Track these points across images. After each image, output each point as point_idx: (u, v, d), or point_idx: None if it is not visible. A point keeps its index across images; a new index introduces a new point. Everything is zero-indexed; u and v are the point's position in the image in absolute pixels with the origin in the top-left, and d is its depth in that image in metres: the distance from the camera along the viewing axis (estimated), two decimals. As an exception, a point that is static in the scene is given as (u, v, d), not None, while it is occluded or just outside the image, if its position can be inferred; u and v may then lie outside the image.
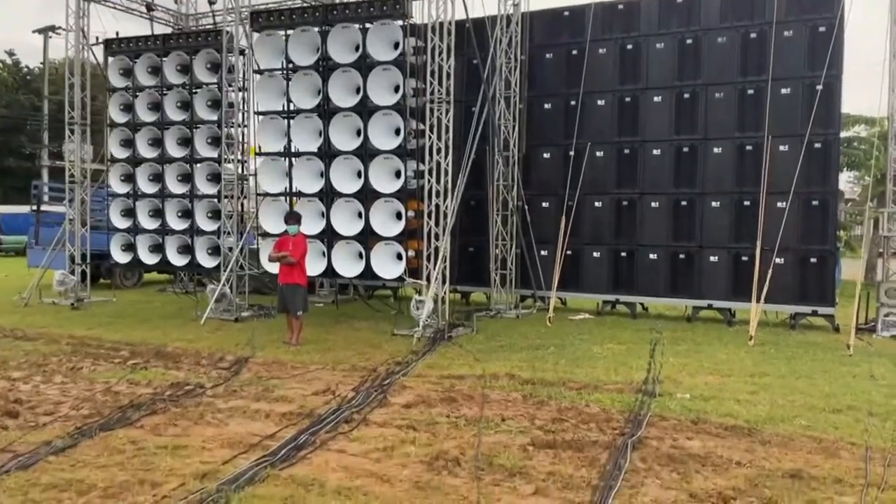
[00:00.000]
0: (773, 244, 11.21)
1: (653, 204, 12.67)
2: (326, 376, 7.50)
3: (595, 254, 13.15)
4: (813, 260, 11.51)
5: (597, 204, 13.13)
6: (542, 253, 13.36)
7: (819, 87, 11.27)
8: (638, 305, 13.09)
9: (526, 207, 13.23)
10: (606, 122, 13.04)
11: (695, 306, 12.38)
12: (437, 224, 10.54)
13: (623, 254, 12.94)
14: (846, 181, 31.95)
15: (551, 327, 11.24)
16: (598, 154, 13.09)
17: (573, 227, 13.13)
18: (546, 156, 13.51)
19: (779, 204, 11.45)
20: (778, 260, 11.54)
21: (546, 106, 13.55)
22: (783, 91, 11.67)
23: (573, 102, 13.10)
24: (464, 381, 7.36)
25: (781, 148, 11.68)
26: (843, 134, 19.00)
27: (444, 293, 10.68)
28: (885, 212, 11.32)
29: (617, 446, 5.20)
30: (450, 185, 10.70)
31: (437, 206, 10.55)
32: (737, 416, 6.08)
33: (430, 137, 10.54)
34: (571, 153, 13.17)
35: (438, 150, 10.54)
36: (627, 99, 12.87)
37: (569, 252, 13.28)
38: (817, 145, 11.47)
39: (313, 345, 9.35)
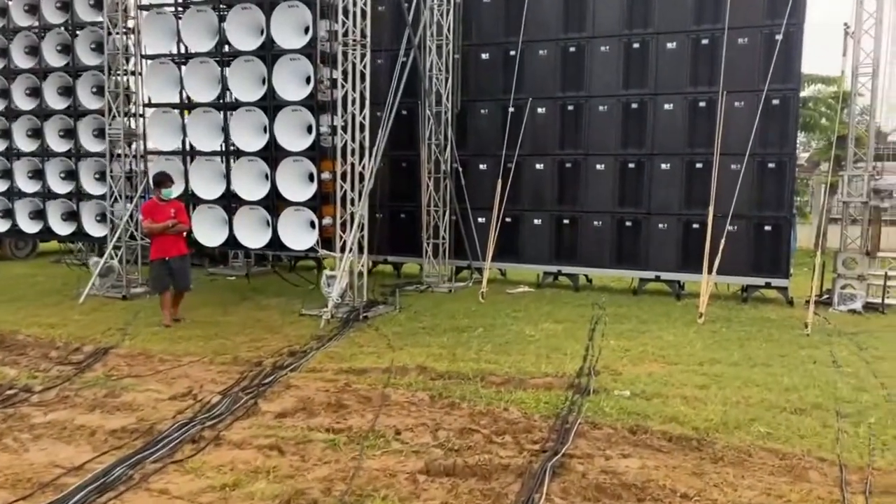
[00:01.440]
0: (726, 210, 10.25)
1: (598, 166, 11.54)
2: (197, 373, 6.17)
3: (536, 221, 12.00)
4: (768, 228, 10.59)
5: (538, 166, 11.93)
6: (480, 220, 12.15)
7: (778, 38, 10.20)
8: (581, 277, 12.06)
9: (460, 170, 11.93)
10: (549, 75, 11.75)
11: (641, 278, 11.40)
12: (352, 187, 9.17)
13: (566, 221, 11.82)
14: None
15: (484, 304, 10.08)
16: (540, 111, 11.85)
17: (512, 192, 11.92)
18: (483, 112, 12.18)
19: (733, 166, 10.45)
20: (731, 228, 10.60)
21: (483, 56, 12.17)
22: (740, 41, 10.55)
23: (512, 52, 11.76)
24: (365, 376, 6.13)
25: (737, 104, 10.62)
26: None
27: (362, 266, 9.38)
28: (846, 175, 10.44)
29: (533, 472, 4.04)
30: (367, 143, 9.31)
31: (353, 166, 9.17)
32: (684, 420, 5.01)
33: (343, 86, 9.10)
34: (511, 110, 11.91)
35: (353, 102, 9.12)
36: (572, 49, 11.58)
37: (507, 219, 12.10)
38: (775, 102, 10.44)
39: (201, 329, 7.98)
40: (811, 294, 8.75)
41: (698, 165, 10.83)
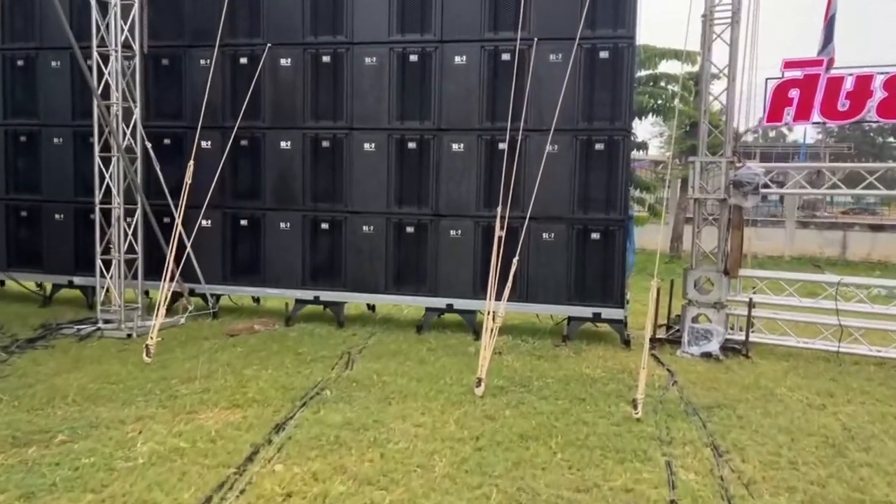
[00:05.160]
0: (536, 210, 7.05)
1: (367, 146, 7.96)
2: None
3: (282, 224, 8.25)
4: (595, 236, 7.43)
5: (283, 144, 8.18)
6: (205, 223, 8.24)
7: (607, -39, 7.05)
8: (361, 305, 8.53)
9: (150, 148, 7.93)
10: (295, 12, 8.01)
11: (429, 308, 7.94)
12: None
13: (324, 225, 8.15)
14: (656, 144, 29.75)
15: (151, 364, 6.17)
16: (284, 63, 8.09)
17: (248, 182, 8.22)
18: (203, 63, 8.24)
19: (547, 148, 7.21)
20: (546, 236, 7.42)
21: (200, -20, 8.25)
22: (554, -34, 7.32)
23: (242, -25, 7.93)
24: None
25: (552, 58, 7.39)
26: (647, 71, 15.69)
27: None
28: (697, 161, 7.46)
29: None
30: None
31: None
32: None
33: None
34: (243, 60, 8.14)
35: None
36: (326, -28, 7.92)
37: (243, 222, 8.33)
38: (603, 55, 7.30)
39: None
40: (645, 345, 5.54)
41: (502, 146, 7.50)
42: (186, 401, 5.16)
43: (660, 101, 14.42)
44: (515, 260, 6.13)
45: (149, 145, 7.73)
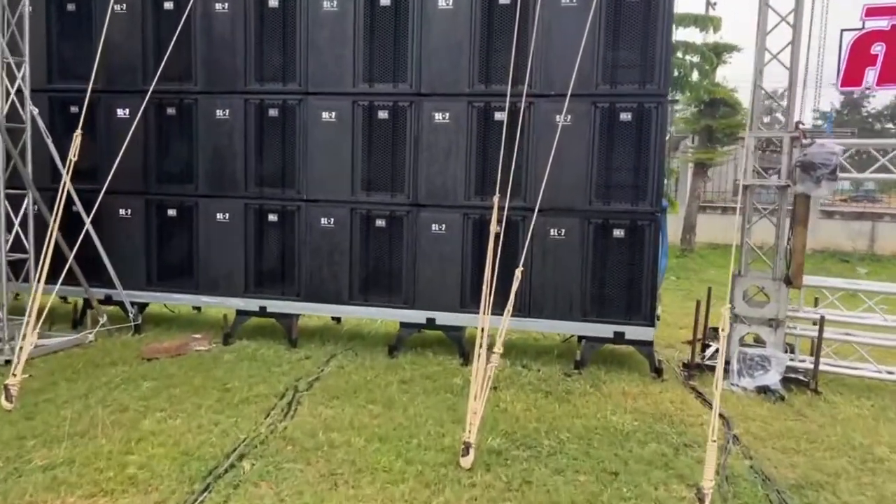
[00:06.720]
0: (544, 199, 5.35)
1: (325, 115, 6.22)
2: None
3: (220, 216, 6.52)
4: (618, 233, 5.76)
5: (220, 113, 6.43)
6: (123, 212, 6.56)
7: None
8: (327, 318, 6.89)
9: (36, 114, 6.14)
10: (232, -60, 6.25)
11: (404, 322, 6.25)
12: None
13: (272, 217, 6.43)
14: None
15: (11, 412, 4.47)
16: (220, 8, 6.33)
17: (173, 162, 6.49)
18: (120, 9, 6.45)
19: (558, 119, 5.50)
20: (556, 232, 5.77)
21: None
22: None
23: None
24: None
25: (564, 1, 5.66)
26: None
27: None
28: (750, 138, 5.76)
29: None
30: None
31: None
32: None
33: None
34: (168, 5, 6.41)
35: None
36: None
37: (171, 212, 6.61)
38: (633, -4, 5.59)
39: None
40: (714, 410, 3.85)
41: (499, 116, 5.79)
42: (31, 482, 3.47)
43: (677, 73, 12.72)
44: (519, 271, 4.42)
45: (35, 111, 5.93)
